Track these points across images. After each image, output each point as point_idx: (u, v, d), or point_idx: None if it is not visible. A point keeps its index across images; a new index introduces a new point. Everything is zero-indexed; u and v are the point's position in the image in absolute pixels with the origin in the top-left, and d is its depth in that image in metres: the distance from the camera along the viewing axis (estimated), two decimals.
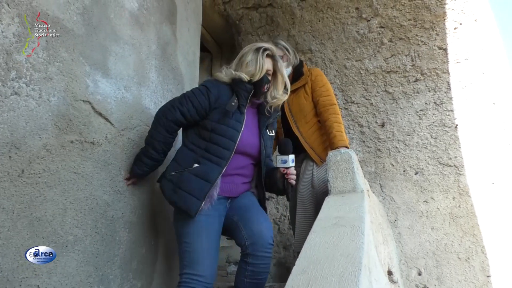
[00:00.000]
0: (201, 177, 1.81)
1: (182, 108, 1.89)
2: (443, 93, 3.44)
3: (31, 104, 1.45)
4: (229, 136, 1.86)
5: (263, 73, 1.94)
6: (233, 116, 1.89)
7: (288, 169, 1.90)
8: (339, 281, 1.08)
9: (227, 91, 1.94)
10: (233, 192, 1.98)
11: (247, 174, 2.03)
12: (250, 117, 2.02)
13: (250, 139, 1.97)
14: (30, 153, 1.43)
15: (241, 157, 1.94)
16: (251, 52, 1.97)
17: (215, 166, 1.83)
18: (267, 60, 1.99)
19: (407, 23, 3.61)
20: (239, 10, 4.17)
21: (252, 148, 1.97)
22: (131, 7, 2.11)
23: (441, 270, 3.12)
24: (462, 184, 3.24)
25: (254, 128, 2.02)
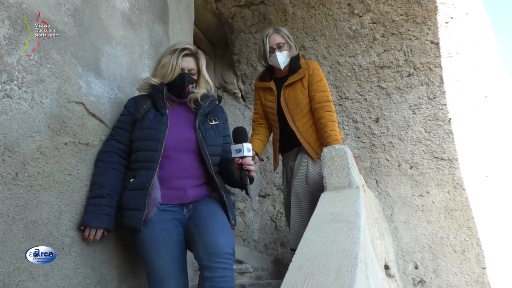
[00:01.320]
0: (137, 188, 1.73)
1: (115, 136, 1.83)
2: (436, 87, 3.46)
3: (24, 107, 1.44)
4: (154, 137, 1.78)
5: (175, 73, 1.89)
6: (154, 119, 1.83)
7: (244, 159, 1.74)
8: (335, 276, 1.08)
9: (143, 99, 1.91)
10: (184, 197, 1.83)
11: (195, 174, 1.88)
12: (182, 114, 1.96)
13: (183, 133, 1.87)
14: (24, 156, 1.43)
15: (183, 156, 1.84)
16: (168, 54, 1.93)
17: (147, 171, 1.75)
18: (188, 59, 1.95)
19: (399, 18, 3.62)
20: (232, 8, 4.16)
21: (188, 142, 1.86)
22: (122, 7, 2.10)
23: (437, 263, 3.14)
24: (456, 177, 3.27)
25: (187, 123, 1.93)
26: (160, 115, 1.86)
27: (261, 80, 2.85)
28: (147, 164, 1.76)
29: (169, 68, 1.88)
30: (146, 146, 1.78)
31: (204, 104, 1.96)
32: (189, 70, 1.94)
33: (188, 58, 1.95)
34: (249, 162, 1.76)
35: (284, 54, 2.65)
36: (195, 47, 2.00)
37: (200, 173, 1.89)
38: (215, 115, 2.03)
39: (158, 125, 1.82)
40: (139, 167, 1.78)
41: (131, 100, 1.94)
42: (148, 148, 1.78)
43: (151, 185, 1.72)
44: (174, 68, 1.89)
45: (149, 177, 1.73)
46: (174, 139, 1.82)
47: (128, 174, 1.82)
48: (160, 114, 1.86)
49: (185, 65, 1.92)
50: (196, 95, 1.95)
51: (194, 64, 1.97)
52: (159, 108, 1.87)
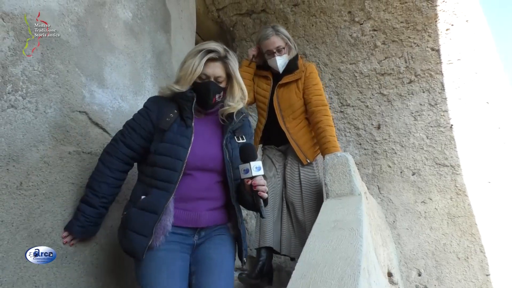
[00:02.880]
0: (147, 209, 1.53)
1: (125, 139, 1.65)
2: (437, 94, 3.47)
3: (28, 117, 1.46)
4: (175, 154, 1.57)
5: (194, 76, 1.64)
6: (177, 131, 1.62)
7: (253, 179, 1.55)
8: (338, 284, 1.08)
9: (169, 105, 1.68)
10: (197, 221, 1.62)
11: (214, 196, 1.68)
12: (208, 127, 1.74)
13: (208, 151, 1.66)
14: (28, 165, 1.44)
15: (202, 176, 1.64)
16: (191, 55, 1.68)
17: (162, 192, 1.55)
18: (214, 64, 1.68)
19: (399, 26, 3.63)
20: (233, 17, 4.19)
21: (213, 161, 1.66)
22: (125, 17, 2.12)
23: (441, 270, 3.13)
24: (459, 183, 3.26)
25: (214, 139, 1.72)
26: (185, 126, 1.64)
27: (258, 67, 2.75)
28: (163, 184, 1.56)
29: (188, 70, 1.63)
30: (165, 163, 1.57)
31: (236, 120, 1.75)
32: (215, 78, 1.69)
33: (214, 63, 1.69)
34: (260, 182, 1.56)
35: (284, 58, 2.60)
36: (224, 49, 1.71)
37: (219, 195, 1.70)
38: (243, 132, 1.82)
39: (181, 140, 1.61)
40: (154, 185, 1.58)
41: (154, 103, 1.71)
42: (166, 166, 1.57)
43: (164, 210, 1.53)
44: (194, 71, 1.63)
45: (162, 200, 1.54)
46: (198, 156, 1.62)
47: (140, 186, 1.64)
48: (185, 125, 1.65)
49: (210, 71, 1.67)
50: (231, 109, 1.72)
51: (221, 70, 1.71)
52: (184, 118, 1.65)
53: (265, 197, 1.57)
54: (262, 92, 2.70)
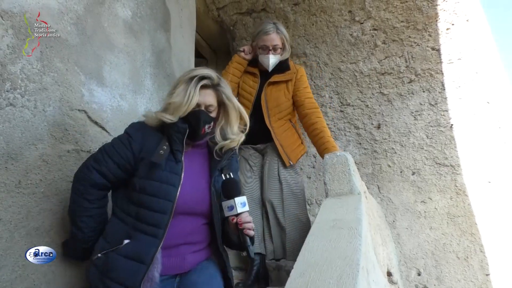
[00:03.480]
0: (132, 257, 1.36)
1: (99, 167, 1.46)
2: (438, 94, 3.46)
3: (27, 115, 1.45)
4: (163, 194, 1.43)
5: (191, 106, 1.50)
6: (166, 167, 1.47)
7: (239, 217, 1.44)
8: (337, 283, 1.08)
9: (155, 135, 1.54)
10: (180, 267, 1.49)
11: (197, 240, 1.54)
12: (195, 161, 1.61)
13: (195, 193, 1.52)
14: (27, 164, 1.44)
15: (185, 219, 1.50)
16: (183, 83, 1.54)
17: (150, 239, 1.39)
18: (206, 92, 1.57)
19: (399, 25, 3.63)
20: (233, 16, 4.18)
21: (200, 205, 1.53)
22: (124, 15, 2.12)
23: (441, 270, 3.12)
24: (459, 183, 3.26)
25: (200, 177, 1.58)
26: (175, 161, 1.50)
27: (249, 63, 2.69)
28: (150, 229, 1.40)
29: (184, 100, 1.49)
30: (153, 205, 1.42)
31: (228, 153, 1.64)
32: (206, 107, 1.57)
33: (206, 91, 1.57)
34: (246, 219, 1.44)
35: (277, 57, 2.56)
36: (217, 76, 1.60)
37: (203, 238, 1.57)
38: (231, 168, 1.67)
39: (171, 177, 1.46)
40: (140, 229, 1.41)
41: (138, 131, 1.54)
42: (155, 208, 1.42)
43: (151, 259, 1.37)
44: (190, 101, 1.50)
45: (151, 248, 1.38)
46: (186, 197, 1.48)
47: (120, 227, 1.46)
48: (174, 160, 1.50)
49: (201, 99, 1.54)
50: (233, 143, 1.62)
51: (213, 99, 1.59)
52: (174, 151, 1.51)
53: (251, 234, 1.46)
54: (248, 88, 2.63)
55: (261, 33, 2.54)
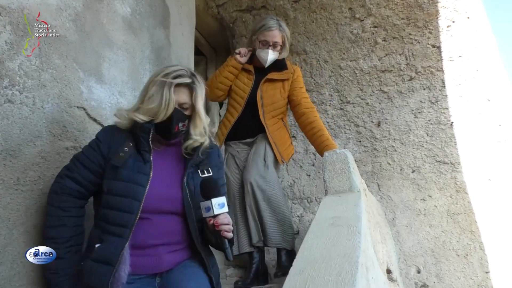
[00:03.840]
0: (101, 261, 1.36)
1: (71, 174, 1.45)
2: (438, 91, 3.45)
3: (25, 112, 1.45)
4: (130, 193, 1.41)
5: (169, 111, 1.48)
6: (133, 167, 1.45)
7: (216, 218, 1.40)
8: (336, 280, 1.08)
9: (123, 137, 1.52)
10: (157, 267, 1.46)
11: (175, 241, 1.50)
12: (169, 160, 1.59)
13: (167, 191, 1.49)
14: (25, 161, 1.43)
15: (160, 219, 1.47)
16: (156, 83, 1.50)
17: (117, 239, 1.38)
18: (181, 89, 1.52)
19: (400, 22, 3.62)
20: (233, 13, 4.18)
21: (171, 203, 1.50)
22: (123, 12, 2.11)
23: (440, 267, 3.12)
24: (459, 181, 3.25)
25: (173, 175, 1.55)
26: (143, 162, 1.48)
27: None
28: (117, 229, 1.39)
29: (162, 105, 1.46)
30: (119, 205, 1.41)
31: (197, 154, 1.58)
32: (179, 104, 1.52)
33: (179, 89, 1.52)
34: (223, 221, 1.40)
35: (275, 54, 2.54)
36: (190, 72, 1.56)
37: (182, 238, 1.53)
38: (209, 164, 1.63)
39: (138, 177, 1.44)
40: (108, 231, 1.41)
41: (107, 134, 1.54)
42: (121, 208, 1.41)
43: (119, 260, 1.35)
44: (168, 105, 1.47)
45: (117, 248, 1.36)
46: (156, 197, 1.45)
47: (95, 232, 1.46)
48: (142, 160, 1.48)
49: (175, 98, 1.50)
50: (194, 142, 1.56)
51: (187, 97, 1.54)
52: (141, 152, 1.49)
53: (229, 237, 1.42)
54: (242, 85, 2.60)
55: (264, 28, 2.52)
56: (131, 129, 1.53)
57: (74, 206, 1.45)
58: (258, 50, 2.55)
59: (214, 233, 1.42)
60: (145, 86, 1.57)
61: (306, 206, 3.65)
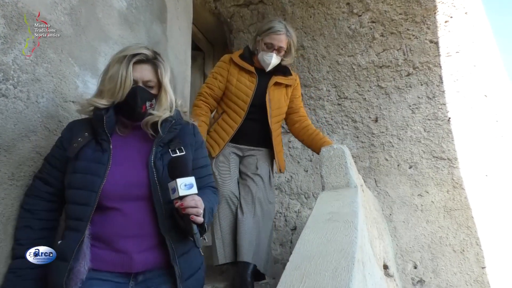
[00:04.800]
0: (58, 257, 1.29)
1: (40, 174, 1.41)
2: (435, 87, 3.45)
3: (19, 106, 1.43)
4: (86, 185, 1.32)
5: (126, 89, 1.39)
6: (92, 158, 1.36)
7: (182, 200, 1.26)
8: (332, 276, 1.08)
9: (80, 129, 1.44)
10: (130, 265, 1.32)
11: (146, 232, 1.36)
12: (134, 145, 1.47)
13: (130, 174, 1.38)
14: (20, 156, 1.42)
15: (129, 207, 1.35)
16: (115, 62, 1.42)
17: (73, 234, 1.29)
18: (142, 67, 1.44)
19: (398, 18, 3.61)
20: (230, 8, 4.16)
21: (137, 187, 1.37)
22: (119, 6, 2.09)
23: (437, 263, 3.13)
24: (455, 177, 3.26)
25: (139, 160, 1.43)
26: (101, 151, 1.38)
27: (242, 58, 2.52)
28: (74, 223, 1.31)
29: (118, 82, 1.38)
30: (76, 198, 1.32)
31: (163, 131, 1.45)
32: (144, 82, 1.44)
33: (142, 66, 1.44)
34: (189, 204, 1.26)
35: (278, 59, 2.46)
36: (152, 51, 1.49)
37: (152, 230, 1.37)
38: (182, 142, 1.50)
39: (95, 167, 1.35)
40: (68, 226, 1.34)
41: (68, 129, 1.47)
42: (78, 201, 1.32)
43: (73, 255, 1.25)
44: (124, 81, 1.38)
45: (73, 243, 1.27)
46: (117, 183, 1.35)
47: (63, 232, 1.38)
48: (101, 149, 1.39)
49: (137, 75, 1.42)
50: (153, 118, 1.45)
51: (151, 74, 1.46)
52: (100, 141, 1.40)
53: (198, 221, 1.28)
54: (244, 88, 2.46)
55: (271, 31, 2.42)
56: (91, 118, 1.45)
57: (42, 209, 1.39)
58: (261, 53, 2.46)
59: (181, 217, 1.29)
60: (106, 67, 1.48)
61: (304, 202, 3.65)
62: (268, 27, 2.44)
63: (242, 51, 2.58)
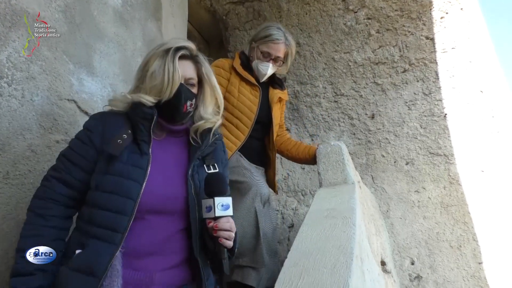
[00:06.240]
0: (82, 270, 1.10)
1: (59, 175, 1.23)
2: (432, 83, 3.45)
3: (14, 104, 1.42)
4: (123, 191, 1.17)
5: (175, 86, 1.27)
6: (128, 160, 1.22)
7: (216, 221, 1.18)
8: (331, 272, 1.08)
9: (119, 123, 1.29)
10: (148, 286, 1.19)
11: (173, 250, 1.26)
12: (171, 151, 1.35)
13: (167, 188, 1.25)
14: (15, 154, 1.41)
15: (159, 221, 1.24)
16: (157, 57, 1.29)
17: (104, 245, 1.13)
18: (185, 63, 1.32)
19: (394, 14, 3.60)
20: (226, 5, 4.14)
21: (172, 202, 1.26)
22: (114, 3, 2.08)
23: (434, 259, 3.14)
24: (452, 173, 3.26)
25: (176, 169, 1.31)
26: (139, 153, 1.25)
27: (244, 68, 2.31)
28: (105, 233, 1.15)
29: (164, 79, 1.25)
30: (109, 204, 1.17)
31: (205, 142, 1.36)
32: (186, 80, 1.32)
33: (185, 62, 1.33)
34: (223, 226, 1.17)
35: (274, 69, 2.31)
36: (195, 46, 1.38)
37: (180, 248, 1.27)
38: (216, 159, 1.41)
39: (134, 172, 1.21)
40: (93, 234, 1.16)
41: (98, 122, 1.30)
42: (111, 207, 1.17)
43: (107, 271, 1.10)
44: (172, 78, 1.26)
45: (105, 256, 1.12)
46: (155, 195, 1.22)
47: (75, 236, 1.22)
48: (139, 152, 1.25)
49: (181, 72, 1.29)
50: (208, 123, 1.36)
51: (193, 72, 1.36)
52: (139, 142, 1.26)
53: (227, 246, 1.19)
54: (248, 102, 2.27)
55: (269, 39, 2.27)
56: (128, 114, 1.31)
57: (59, 215, 1.22)
58: (257, 61, 2.30)
59: (211, 238, 1.21)
60: (143, 63, 1.35)
61: (301, 199, 3.65)
62: (265, 34, 2.29)
63: (238, 57, 2.37)
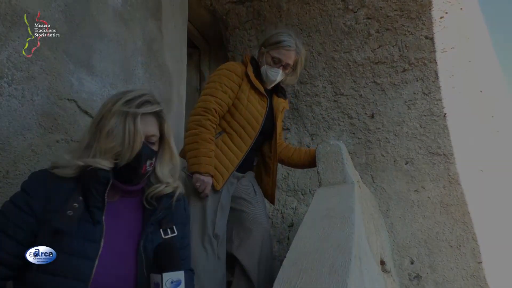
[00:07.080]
0: None
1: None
2: (431, 83, 3.45)
3: (14, 104, 1.43)
4: (73, 272, 1.02)
5: (136, 149, 1.13)
6: (78, 232, 1.06)
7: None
8: (329, 272, 1.08)
9: (68, 189, 1.12)
10: None
11: None
12: (123, 216, 1.20)
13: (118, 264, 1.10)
14: (15, 154, 1.41)
15: None
16: (115, 114, 1.14)
17: None
18: (147, 119, 1.18)
19: (393, 14, 3.61)
20: (226, 5, 4.14)
21: (124, 282, 1.10)
22: (114, 3, 2.08)
23: (433, 258, 3.14)
24: (452, 172, 3.27)
25: (128, 238, 1.16)
26: (92, 223, 1.09)
27: (255, 75, 2.23)
28: None
29: (126, 141, 1.11)
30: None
31: (160, 206, 1.22)
32: (147, 137, 1.18)
33: (147, 117, 1.18)
34: None
35: (283, 76, 2.28)
36: (155, 97, 1.24)
37: None
38: (174, 221, 1.27)
39: (85, 247, 1.05)
40: None
41: (39, 184, 1.12)
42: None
43: None
44: (134, 141, 1.12)
45: None
46: (107, 273, 1.06)
47: None
48: (91, 221, 1.09)
49: (142, 129, 1.16)
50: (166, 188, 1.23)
51: (155, 128, 1.21)
52: (91, 209, 1.10)
53: None
54: (254, 112, 2.18)
55: (281, 45, 2.21)
56: (79, 178, 1.14)
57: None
58: (266, 67, 2.25)
59: None
60: (98, 117, 1.19)
61: (300, 199, 3.65)
62: (277, 40, 2.23)
63: (249, 63, 2.27)
